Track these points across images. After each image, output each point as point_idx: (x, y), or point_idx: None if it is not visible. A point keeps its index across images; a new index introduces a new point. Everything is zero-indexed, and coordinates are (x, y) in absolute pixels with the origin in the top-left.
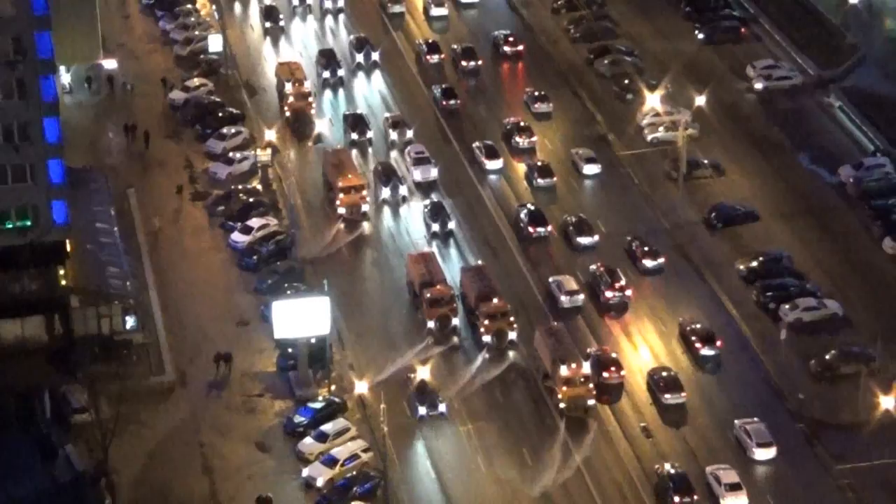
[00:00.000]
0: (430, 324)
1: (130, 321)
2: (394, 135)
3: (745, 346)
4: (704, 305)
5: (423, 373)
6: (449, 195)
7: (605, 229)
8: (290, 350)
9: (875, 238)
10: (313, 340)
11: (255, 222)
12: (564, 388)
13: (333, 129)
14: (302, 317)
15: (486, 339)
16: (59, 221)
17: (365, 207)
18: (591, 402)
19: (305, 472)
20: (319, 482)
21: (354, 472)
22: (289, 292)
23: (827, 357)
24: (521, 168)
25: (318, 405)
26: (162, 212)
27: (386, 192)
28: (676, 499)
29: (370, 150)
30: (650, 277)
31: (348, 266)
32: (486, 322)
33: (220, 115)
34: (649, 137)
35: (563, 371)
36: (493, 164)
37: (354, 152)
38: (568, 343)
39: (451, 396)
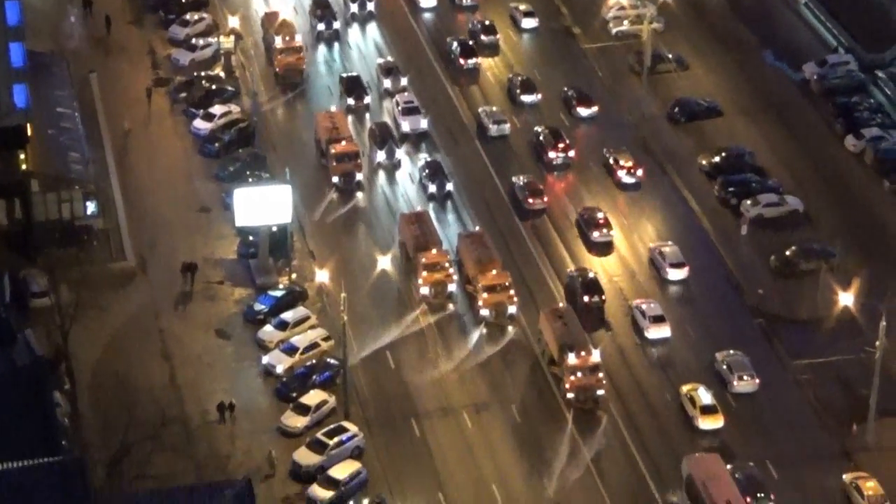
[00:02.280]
0: (425, 290)
1: (91, 206)
2: (387, 82)
3: (706, 240)
4: (666, 199)
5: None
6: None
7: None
8: (251, 238)
9: (837, 135)
10: (275, 228)
11: (217, 109)
12: (573, 378)
13: (299, 18)
14: (263, 204)
15: (485, 312)
16: (19, 105)
17: (359, 176)
18: (601, 392)
19: (265, 359)
20: (279, 370)
21: (314, 361)
22: (251, 180)
23: (787, 253)
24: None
25: (278, 293)
26: (127, 107)
27: (381, 156)
28: (585, 298)
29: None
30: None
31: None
32: (485, 295)
33: (183, 0)
34: (614, 31)
35: (572, 359)
36: (427, 2)
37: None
38: (576, 327)
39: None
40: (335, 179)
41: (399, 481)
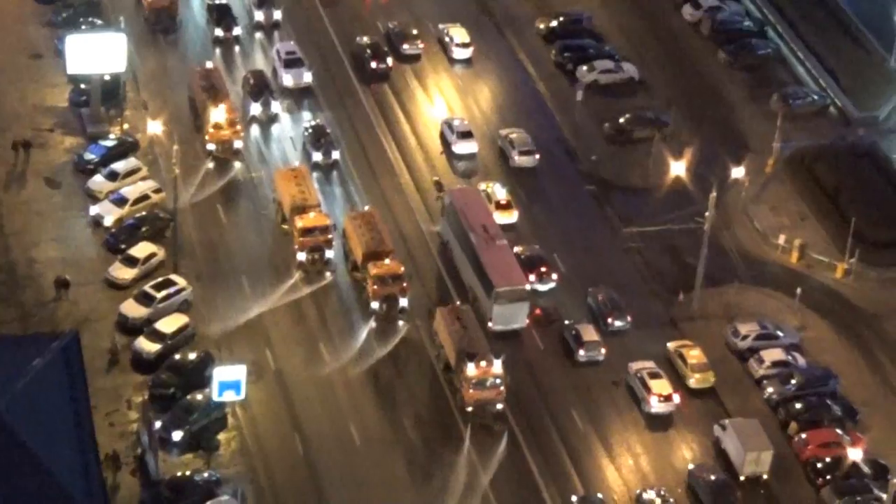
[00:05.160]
0: (301, 256)
1: None
2: (259, 14)
3: (542, 105)
4: (503, 61)
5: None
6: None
7: None
8: (83, 86)
9: (675, 4)
10: (107, 77)
11: None
12: (471, 391)
13: None
14: (97, 52)
15: (374, 305)
16: None
17: (238, 144)
18: (501, 406)
19: (94, 209)
20: (108, 220)
21: (144, 213)
22: (84, 27)
23: (621, 120)
24: None
25: (109, 143)
26: None
27: (256, 109)
28: (373, 64)
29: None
30: None
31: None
32: (375, 286)
33: None
34: None
35: (471, 370)
36: None
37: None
38: (475, 331)
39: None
40: (211, 147)
41: (227, 336)
